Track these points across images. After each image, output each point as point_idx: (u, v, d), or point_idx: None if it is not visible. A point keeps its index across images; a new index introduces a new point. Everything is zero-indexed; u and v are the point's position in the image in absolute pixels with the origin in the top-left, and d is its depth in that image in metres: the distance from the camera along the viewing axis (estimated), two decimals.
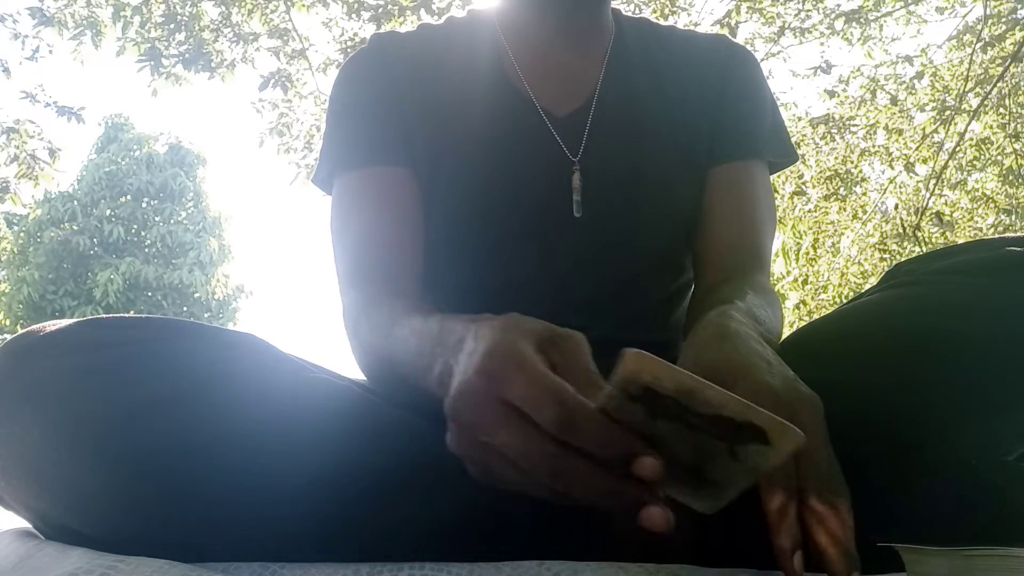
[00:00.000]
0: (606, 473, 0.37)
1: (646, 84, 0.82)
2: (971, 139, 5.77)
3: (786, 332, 0.72)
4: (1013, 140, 5.65)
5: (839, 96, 5.75)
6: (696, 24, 5.14)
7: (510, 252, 0.76)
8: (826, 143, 5.94)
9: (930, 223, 5.85)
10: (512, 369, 0.38)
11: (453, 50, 0.82)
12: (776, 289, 6.16)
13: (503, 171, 0.76)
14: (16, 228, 16.24)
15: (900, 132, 5.75)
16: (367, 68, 0.81)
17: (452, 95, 0.79)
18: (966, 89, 5.11)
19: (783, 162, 0.86)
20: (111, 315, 0.56)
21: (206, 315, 16.39)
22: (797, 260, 6.46)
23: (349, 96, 0.81)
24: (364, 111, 0.79)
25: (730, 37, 0.92)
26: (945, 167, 5.59)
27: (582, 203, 0.75)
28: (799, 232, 6.34)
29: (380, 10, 4.83)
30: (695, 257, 0.82)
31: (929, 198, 5.72)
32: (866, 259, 6.57)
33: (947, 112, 5.37)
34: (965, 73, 5.06)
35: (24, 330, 0.54)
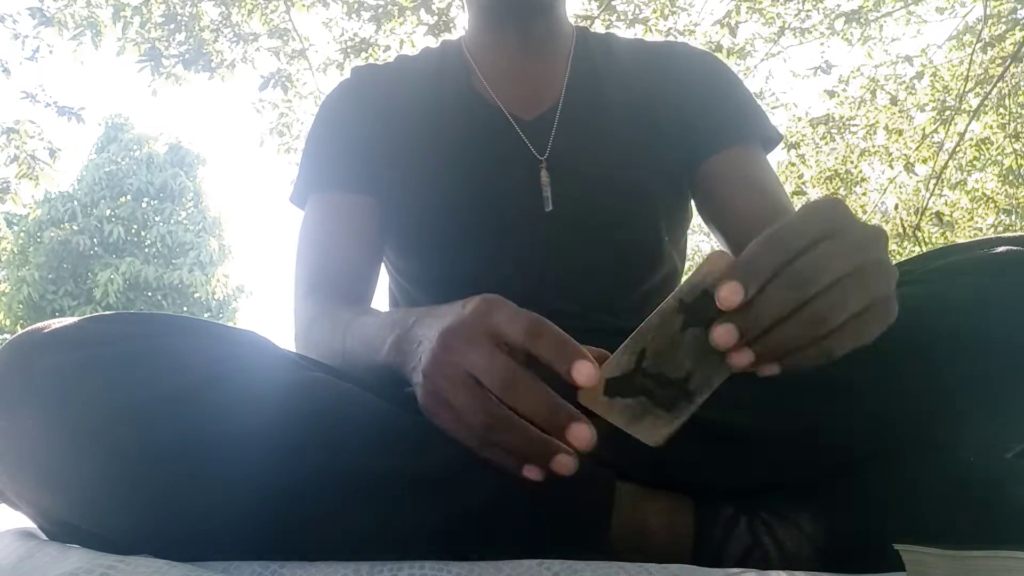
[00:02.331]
0: (534, 429, 0.44)
1: (610, 85, 0.86)
2: (971, 139, 5.78)
3: None
4: (1013, 140, 5.66)
5: (839, 96, 5.75)
6: (696, 24, 5.14)
7: (486, 248, 0.79)
8: (826, 143, 5.94)
9: (930, 223, 5.85)
10: (469, 343, 0.46)
11: (424, 73, 0.89)
12: None
13: (474, 173, 0.80)
14: (16, 228, 16.21)
15: (900, 132, 5.76)
16: (342, 100, 0.89)
17: (424, 111, 0.85)
18: (966, 89, 5.12)
19: (771, 143, 0.88)
20: (115, 312, 0.56)
21: (206, 315, 16.35)
22: None
23: (326, 123, 0.89)
24: (337, 138, 0.86)
25: (686, 43, 0.95)
26: (945, 167, 5.59)
27: (552, 199, 0.79)
28: None
29: (380, 10, 4.83)
30: (730, 245, 0.84)
31: (929, 198, 5.72)
32: None
33: (947, 112, 5.37)
34: (965, 73, 5.06)
35: (28, 327, 0.54)
